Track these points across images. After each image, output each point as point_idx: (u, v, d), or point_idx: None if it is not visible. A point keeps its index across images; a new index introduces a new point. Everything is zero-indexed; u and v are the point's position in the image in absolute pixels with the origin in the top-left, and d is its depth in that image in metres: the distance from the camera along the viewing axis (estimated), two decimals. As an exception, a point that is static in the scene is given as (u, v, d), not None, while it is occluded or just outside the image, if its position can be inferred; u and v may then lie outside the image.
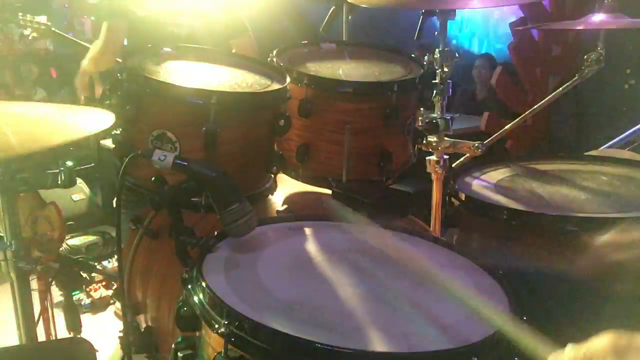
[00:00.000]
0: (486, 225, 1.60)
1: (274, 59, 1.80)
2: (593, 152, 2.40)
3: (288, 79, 1.65)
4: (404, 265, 1.20)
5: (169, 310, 1.59)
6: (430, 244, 1.32)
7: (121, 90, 1.56)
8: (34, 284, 1.66)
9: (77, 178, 3.12)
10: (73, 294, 1.94)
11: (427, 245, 1.32)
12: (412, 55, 1.99)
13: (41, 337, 1.70)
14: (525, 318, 1.00)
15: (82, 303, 3.11)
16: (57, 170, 1.46)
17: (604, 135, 2.86)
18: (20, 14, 3.40)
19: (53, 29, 3.52)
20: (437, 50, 1.91)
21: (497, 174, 1.82)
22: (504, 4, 2.10)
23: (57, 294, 1.93)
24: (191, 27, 2.71)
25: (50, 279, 1.80)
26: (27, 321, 1.56)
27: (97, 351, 1.56)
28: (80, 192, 4.08)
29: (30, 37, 3.46)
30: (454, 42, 5.98)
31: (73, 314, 1.91)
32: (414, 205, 1.83)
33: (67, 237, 3.29)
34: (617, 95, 4.24)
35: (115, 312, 3.10)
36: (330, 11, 2.61)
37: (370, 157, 1.79)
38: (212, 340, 1.01)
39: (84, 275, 2.96)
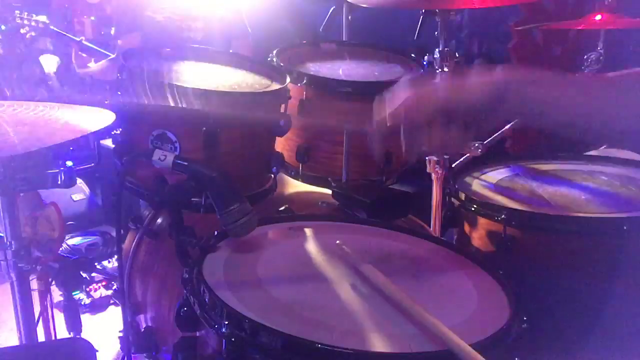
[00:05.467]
0: (486, 225, 1.60)
1: (274, 59, 1.80)
2: (593, 152, 2.39)
3: (288, 79, 1.65)
4: (405, 265, 1.20)
5: (169, 310, 1.59)
6: (430, 243, 1.32)
7: (121, 90, 1.56)
8: (34, 284, 1.66)
9: (77, 178, 3.13)
10: (73, 294, 1.94)
11: (426, 245, 1.32)
12: (412, 55, 1.99)
13: (41, 337, 1.70)
14: (525, 318, 1.00)
15: (82, 303, 3.10)
16: (57, 170, 1.46)
17: (604, 135, 2.85)
18: (17, 12, 3.35)
19: (52, 27, 3.47)
20: (437, 50, 1.91)
21: (497, 174, 1.81)
22: (504, 3, 2.10)
23: (57, 294, 1.93)
24: (206, 32, 2.73)
25: (50, 279, 1.80)
26: (27, 321, 1.56)
27: (97, 351, 1.56)
28: (80, 192, 4.07)
29: (27, 36, 3.41)
30: (453, 42, 5.97)
31: (73, 314, 1.90)
32: (414, 205, 1.82)
33: (67, 237, 3.28)
34: (617, 95, 4.23)
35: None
36: (330, 11, 2.61)
37: (370, 157, 1.78)
38: (212, 340, 1.01)
39: (84, 275, 2.97)
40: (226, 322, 0.93)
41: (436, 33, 1.93)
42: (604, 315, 1.19)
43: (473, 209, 1.62)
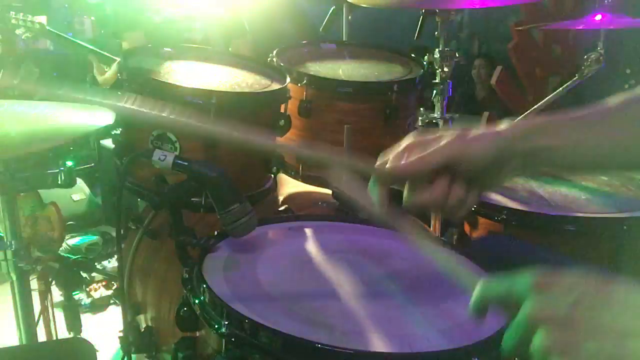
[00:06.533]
0: (486, 225, 1.60)
1: (274, 59, 1.80)
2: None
3: (288, 79, 1.65)
4: (405, 265, 1.20)
5: (169, 310, 1.59)
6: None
7: (121, 90, 1.56)
8: (34, 284, 1.66)
9: (77, 178, 3.13)
10: (73, 294, 1.94)
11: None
12: (412, 55, 1.99)
13: (41, 337, 1.70)
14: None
15: (82, 303, 3.10)
16: (57, 170, 1.46)
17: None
18: (12, 12, 3.30)
19: (48, 28, 3.42)
20: (437, 50, 1.91)
21: (497, 174, 1.81)
22: (504, 3, 2.10)
23: (57, 294, 1.93)
24: (205, 32, 2.74)
25: (50, 279, 1.80)
26: (27, 321, 1.56)
27: (98, 351, 1.56)
28: (80, 192, 4.07)
29: (23, 37, 3.37)
30: (453, 42, 5.97)
31: (73, 314, 1.90)
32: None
33: (67, 237, 3.28)
34: (617, 95, 4.23)
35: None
36: (330, 11, 2.61)
37: (370, 157, 1.78)
38: (212, 340, 1.01)
39: (84, 275, 2.97)
40: (226, 322, 0.93)
41: (436, 33, 1.93)
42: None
43: (473, 209, 1.62)
